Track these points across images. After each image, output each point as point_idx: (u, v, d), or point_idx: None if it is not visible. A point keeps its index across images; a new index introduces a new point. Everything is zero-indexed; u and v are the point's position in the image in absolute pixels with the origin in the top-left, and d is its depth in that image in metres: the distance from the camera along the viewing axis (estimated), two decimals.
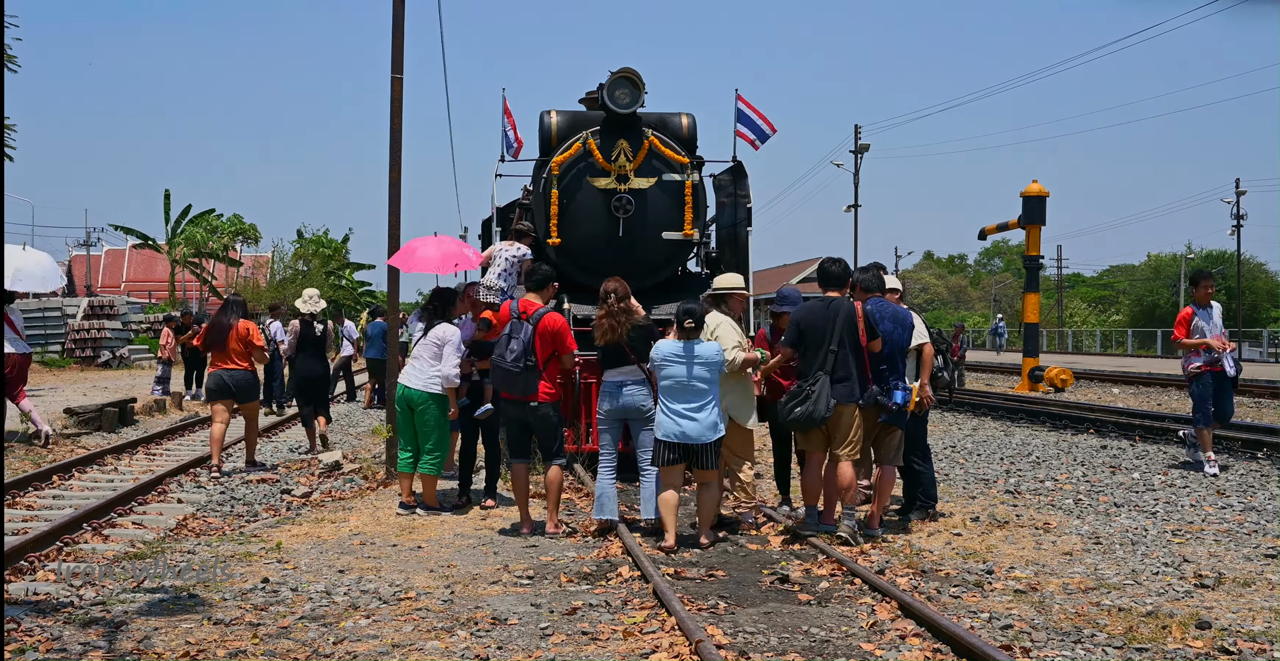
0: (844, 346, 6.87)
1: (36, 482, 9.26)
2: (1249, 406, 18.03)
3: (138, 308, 35.53)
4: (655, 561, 6.35)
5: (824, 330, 6.88)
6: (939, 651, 4.66)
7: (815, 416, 6.77)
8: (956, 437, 13.19)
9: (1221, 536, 7.13)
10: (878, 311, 7.11)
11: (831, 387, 6.82)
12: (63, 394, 18.27)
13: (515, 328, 7.28)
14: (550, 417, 7.37)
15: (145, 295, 49.49)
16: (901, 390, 6.98)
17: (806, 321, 7.00)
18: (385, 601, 5.55)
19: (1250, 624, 5.09)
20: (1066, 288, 73.67)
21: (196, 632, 4.99)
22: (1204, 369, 9.95)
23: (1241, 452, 11.44)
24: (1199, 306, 10.12)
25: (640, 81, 10.46)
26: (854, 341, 6.90)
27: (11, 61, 15.38)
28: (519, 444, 7.51)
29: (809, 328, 6.96)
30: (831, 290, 7.14)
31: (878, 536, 7.06)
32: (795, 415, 6.83)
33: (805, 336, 6.97)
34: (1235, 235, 50.41)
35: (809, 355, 6.95)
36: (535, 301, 7.44)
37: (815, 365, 6.90)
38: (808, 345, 6.96)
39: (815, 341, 6.91)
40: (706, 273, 11.92)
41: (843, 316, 6.89)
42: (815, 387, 6.80)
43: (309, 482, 9.65)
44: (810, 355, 6.94)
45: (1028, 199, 22.71)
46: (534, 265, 7.71)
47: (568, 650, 4.72)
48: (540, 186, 10.99)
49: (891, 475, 7.30)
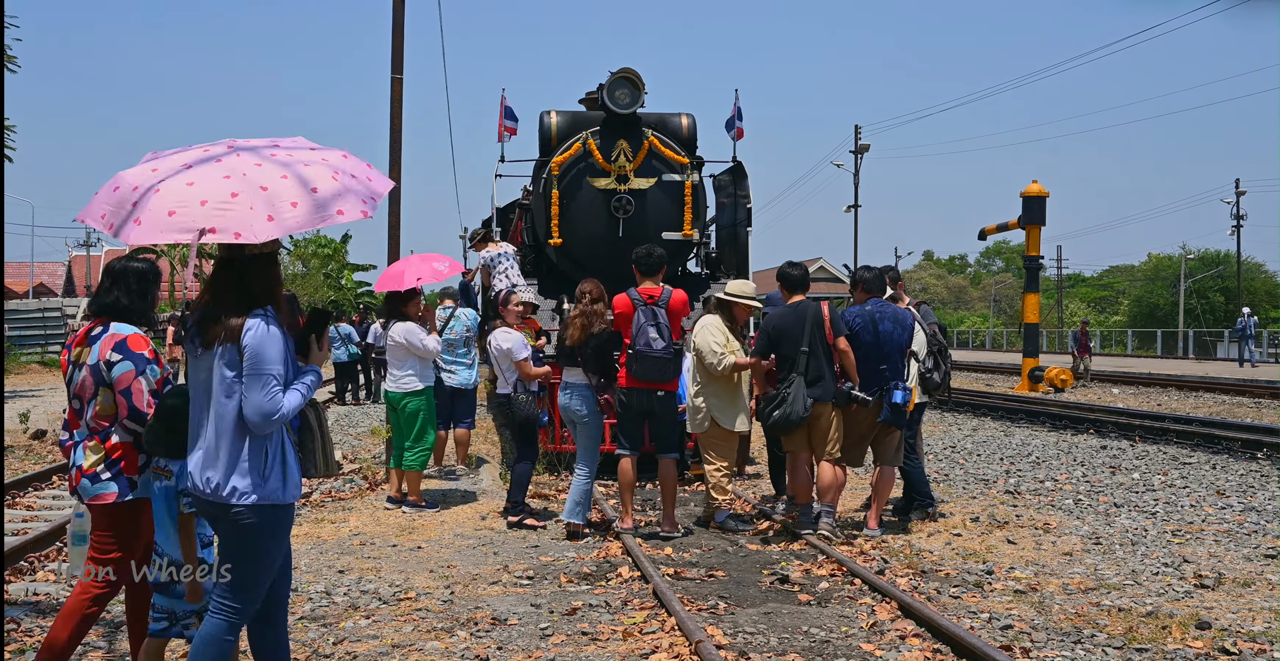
0: (815, 347, 6.99)
1: (36, 482, 9.27)
2: (1249, 406, 18.03)
3: None
4: (655, 561, 6.35)
5: (795, 334, 7.01)
6: (939, 651, 4.66)
7: (793, 417, 6.88)
8: (956, 438, 13.19)
9: (1221, 536, 7.13)
10: (877, 311, 7.14)
11: (807, 389, 6.92)
12: (63, 394, 18.24)
13: (647, 315, 7.13)
14: (675, 407, 7.37)
15: None
16: (901, 390, 6.99)
17: (776, 328, 7.14)
18: (385, 601, 5.55)
19: (1250, 624, 5.08)
20: (1066, 288, 73.64)
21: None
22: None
23: (1241, 453, 11.44)
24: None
25: (640, 82, 10.46)
26: (824, 342, 7.02)
27: (11, 62, 15.41)
28: (634, 436, 7.39)
29: (779, 333, 7.10)
30: (796, 294, 7.29)
31: (877, 536, 7.06)
32: (774, 419, 6.96)
33: (778, 343, 7.10)
34: (1235, 235, 50.49)
35: (782, 360, 7.08)
36: (652, 286, 7.31)
37: (788, 368, 7.01)
38: (781, 351, 7.08)
39: (788, 346, 7.03)
40: (706, 273, 11.94)
41: (810, 319, 7.03)
42: (790, 390, 6.93)
43: (309, 483, 9.65)
44: (784, 359, 7.07)
45: (1028, 199, 22.68)
46: (647, 247, 7.56)
47: (568, 650, 4.72)
48: (540, 187, 11.00)
49: (890, 475, 7.32)
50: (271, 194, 3.16)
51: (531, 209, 11.32)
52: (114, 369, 3.93)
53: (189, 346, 3.42)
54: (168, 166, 3.29)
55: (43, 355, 28.16)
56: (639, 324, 7.12)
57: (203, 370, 3.36)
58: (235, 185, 3.17)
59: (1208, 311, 56.98)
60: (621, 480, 7.34)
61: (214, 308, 3.35)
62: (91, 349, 4.01)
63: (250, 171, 3.22)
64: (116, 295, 4.08)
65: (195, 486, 3.37)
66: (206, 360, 3.34)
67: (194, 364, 3.40)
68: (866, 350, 7.07)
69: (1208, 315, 56.19)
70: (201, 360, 3.36)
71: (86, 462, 4.00)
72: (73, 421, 4.11)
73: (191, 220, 3.12)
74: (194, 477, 3.36)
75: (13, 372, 24.25)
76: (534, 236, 11.32)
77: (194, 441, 3.40)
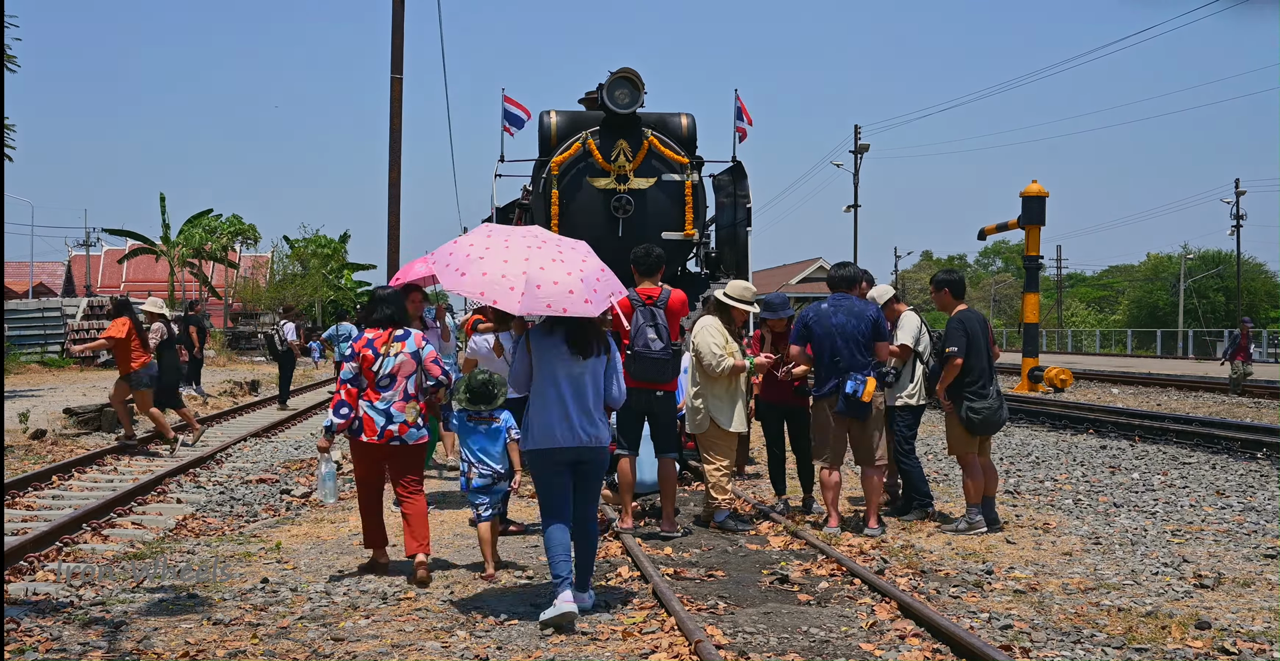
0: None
1: (36, 482, 9.26)
2: (1249, 406, 18.04)
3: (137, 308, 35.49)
4: (655, 561, 6.35)
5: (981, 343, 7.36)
6: (939, 651, 4.66)
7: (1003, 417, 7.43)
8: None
9: (1221, 536, 7.13)
10: (832, 306, 7.19)
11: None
12: (62, 394, 18.24)
13: (645, 316, 7.14)
14: (675, 407, 7.38)
15: (144, 295, 49.46)
16: (852, 380, 7.01)
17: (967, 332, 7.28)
18: (385, 601, 5.55)
19: (1250, 624, 5.09)
20: (1066, 287, 73.69)
21: (196, 632, 4.99)
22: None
23: (1241, 452, 11.45)
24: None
25: (640, 82, 10.46)
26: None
27: (11, 61, 15.40)
28: (634, 436, 7.39)
29: (973, 340, 7.29)
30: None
31: (878, 535, 7.08)
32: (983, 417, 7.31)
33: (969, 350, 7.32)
34: (1235, 235, 50.53)
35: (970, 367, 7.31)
36: (651, 286, 7.31)
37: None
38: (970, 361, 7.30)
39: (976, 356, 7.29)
40: (706, 273, 11.93)
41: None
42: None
43: (309, 482, 9.65)
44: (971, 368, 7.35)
45: (1027, 199, 22.69)
46: (645, 247, 7.54)
47: (567, 650, 4.72)
48: (540, 186, 11.00)
49: (870, 474, 7.27)
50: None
51: (531, 209, 11.32)
52: (422, 352, 6.02)
53: (568, 348, 5.25)
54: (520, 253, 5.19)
55: (42, 355, 28.13)
56: (637, 324, 7.11)
57: (576, 366, 5.24)
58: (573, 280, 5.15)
59: (1208, 311, 57.02)
60: (621, 480, 7.34)
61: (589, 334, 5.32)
62: (405, 343, 5.98)
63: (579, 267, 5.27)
64: (390, 311, 6.08)
65: (579, 436, 5.19)
66: (580, 364, 5.26)
67: (568, 362, 5.23)
68: (821, 344, 7.13)
69: (1208, 315, 56.24)
70: (575, 362, 5.25)
71: (410, 418, 5.97)
72: (371, 395, 5.92)
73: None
74: (579, 431, 5.19)
75: (12, 372, 24.23)
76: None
77: (555, 408, 5.19)
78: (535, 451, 5.26)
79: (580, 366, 5.25)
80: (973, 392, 7.23)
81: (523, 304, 5.00)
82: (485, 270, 5.06)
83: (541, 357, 5.26)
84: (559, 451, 5.20)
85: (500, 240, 5.27)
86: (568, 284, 5.07)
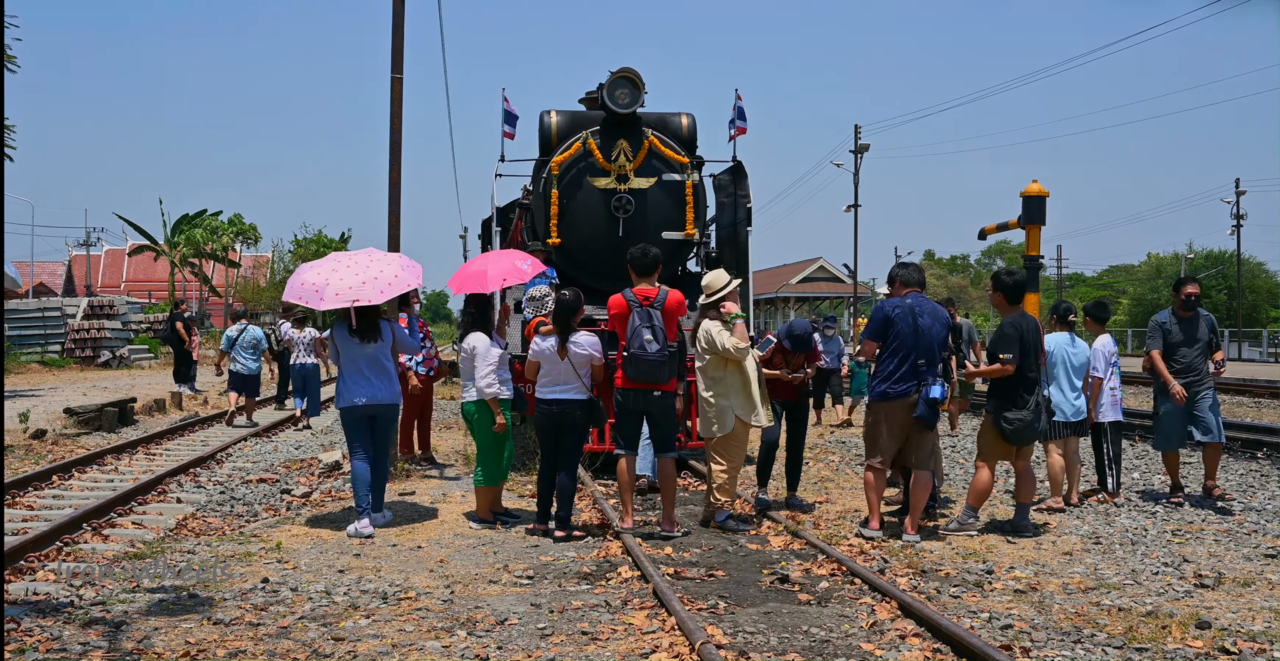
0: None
1: (36, 482, 9.26)
2: (1249, 406, 18.03)
3: (137, 308, 35.53)
4: (655, 561, 6.35)
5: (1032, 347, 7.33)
6: (939, 651, 4.66)
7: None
8: (956, 437, 13.18)
9: (1221, 536, 7.13)
10: (917, 305, 7.05)
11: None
12: (63, 394, 18.25)
13: (642, 317, 7.07)
14: (673, 407, 7.32)
15: (145, 295, 49.53)
16: (939, 385, 6.88)
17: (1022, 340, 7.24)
18: (385, 601, 5.55)
19: (1250, 624, 5.09)
20: (1066, 287, 73.61)
21: (196, 632, 4.99)
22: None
23: (1241, 453, 11.44)
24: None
25: (640, 81, 10.46)
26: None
27: (11, 62, 15.40)
28: (632, 436, 7.36)
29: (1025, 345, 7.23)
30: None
31: (915, 541, 6.91)
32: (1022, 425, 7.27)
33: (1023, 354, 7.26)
34: (1235, 235, 50.49)
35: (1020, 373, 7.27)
36: (648, 287, 7.25)
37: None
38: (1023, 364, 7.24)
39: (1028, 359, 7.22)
40: (705, 272, 11.92)
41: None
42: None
43: (309, 482, 9.65)
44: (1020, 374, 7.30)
45: (1028, 199, 22.59)
46: (642, 247, 7.53)
47: (568, 650, 4.72)
48: (540, 186, 11.00)
49: (926, 479, 7.15)
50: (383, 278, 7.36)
51: (531, 208, 11.32)
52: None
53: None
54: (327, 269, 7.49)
55: (42, 355, 28.14)
56: (634, 326, 7.07)
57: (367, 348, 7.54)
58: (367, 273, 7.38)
59: (1209, 311, 56.92)
60: (621, 480, 7.33)
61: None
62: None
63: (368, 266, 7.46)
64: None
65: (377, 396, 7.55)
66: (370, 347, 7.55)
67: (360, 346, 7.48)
68: (905, 343, 6.94)
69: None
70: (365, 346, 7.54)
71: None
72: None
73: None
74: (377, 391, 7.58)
75: (13, 372, 24.24)
76: (534, 236, 11.32)
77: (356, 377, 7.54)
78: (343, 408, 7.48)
79: (371, 349, 7.44)
80: (1011, 401, 7.14)
81: (324, 303, 7.10)
82: (303, 280, 7.38)
83: (343, 344, 7.48)
84: (358, 408, 7.40)
85: (329, 266, 7.51)
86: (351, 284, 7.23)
